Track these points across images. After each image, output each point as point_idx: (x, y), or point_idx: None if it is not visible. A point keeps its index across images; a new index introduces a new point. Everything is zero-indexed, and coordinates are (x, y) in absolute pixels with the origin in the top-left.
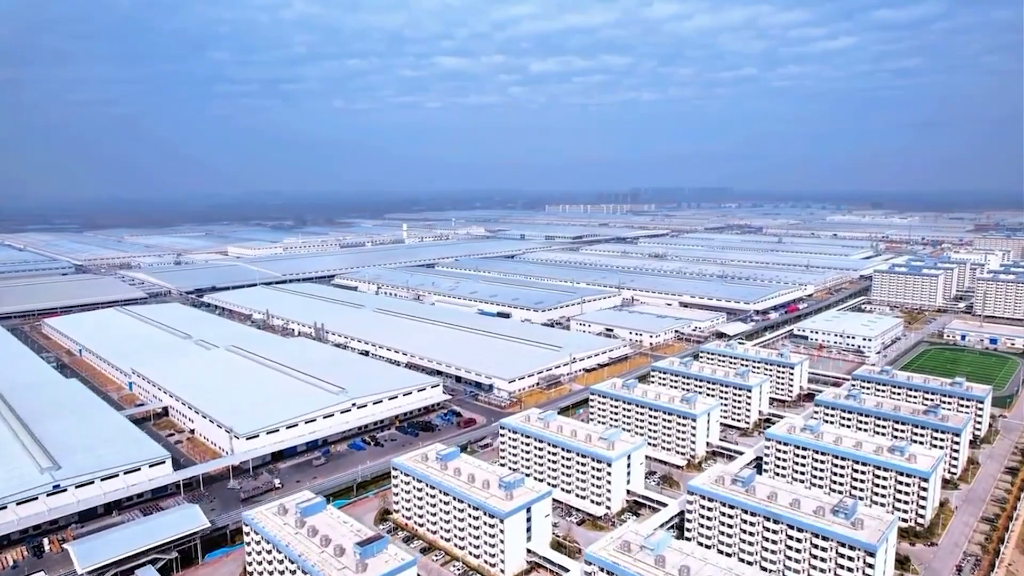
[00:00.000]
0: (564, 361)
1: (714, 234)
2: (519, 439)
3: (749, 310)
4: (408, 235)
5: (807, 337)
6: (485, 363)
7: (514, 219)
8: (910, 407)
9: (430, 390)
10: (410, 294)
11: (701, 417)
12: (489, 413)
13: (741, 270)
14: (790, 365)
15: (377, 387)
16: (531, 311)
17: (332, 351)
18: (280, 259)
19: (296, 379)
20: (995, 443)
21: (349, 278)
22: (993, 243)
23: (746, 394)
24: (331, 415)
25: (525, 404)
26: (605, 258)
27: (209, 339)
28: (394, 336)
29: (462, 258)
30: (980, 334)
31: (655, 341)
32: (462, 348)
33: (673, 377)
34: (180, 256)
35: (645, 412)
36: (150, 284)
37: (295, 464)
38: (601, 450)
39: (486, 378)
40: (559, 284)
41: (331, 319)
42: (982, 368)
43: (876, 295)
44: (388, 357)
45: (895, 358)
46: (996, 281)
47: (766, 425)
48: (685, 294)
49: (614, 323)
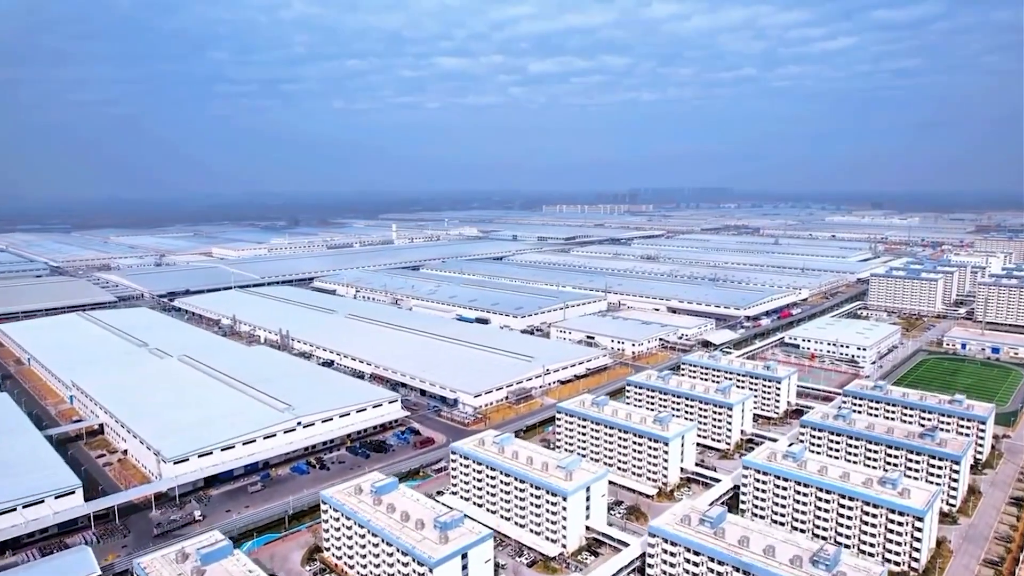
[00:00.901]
0: (536, 373)
1: (710, 235)
2: (471, 466)
3: (740, 316)
4: (397, 236)
5: (799, 346)
6: (451, 375)
7: (510, 219)
8: (904, 429)
9: (387, 406)
10: (388, 298)
11: (674, 441)
12: (451, 431)
13: (734, 273)
14: (776, 379)
15: (328, 403)
16: (510, 317)
17: (291, 361)
18: (263, 261)
19: (243, 394)
20: (998, 468)
21: (328, 281)
22: (994, 245)
23: (727, 412)
24: (273, 435)
25: (491, 421)
26: (595, 260)
27: (165, 347)
28: (361, 344)
29: (449, 260)
30: (981, 343)
31: (638, 350)
32: (430, 358)
33: (649, 393)
34: (163, 257)
35: (614, 434)
36: (124, 287)
37: (229, 490)
38: (557, 481)
39: (450, 392)
40: (544, 288)
41: (299, 325)
42: (983, 380)
43: (873, 300)
44: (352, 367)
45: (891, 369)
46: (998, 286)
47: (748, 446)
48: (673, 299)
49: (595, 330)
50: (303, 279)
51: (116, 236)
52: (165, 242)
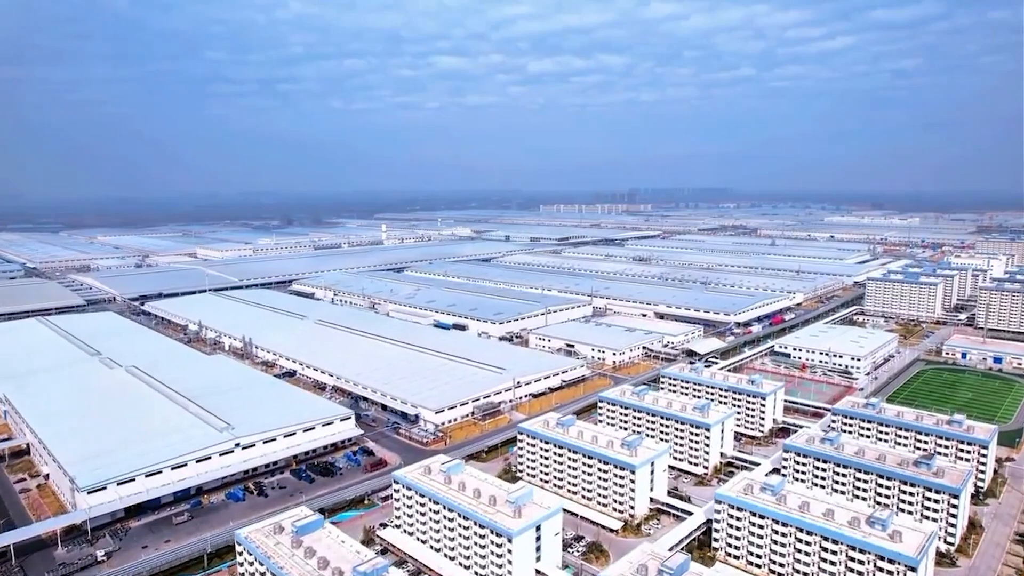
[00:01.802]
0: (506, 386)
1: (706, 236)
2: (413, 497)
3: (729, 322)
4: (387, 236)
5: (789, 355)
6: (413, 388)
7: (505, 219)
8: (898, 456)
9: (339, 424)
10: (365, 302)
11: (642, 469)
12: (408, 451)
13: (726, 276)
14: (761, 395)
15: (273, 421)
16: (488, 323)
17: (246, 373)
18: (246, 262)
19: (184, 410)
20: (1002, 497)
21: (307, 284)
22: (996, 246)
23: (704, 433)
24: (207, 458)
25: (453, 440)
26: (586, 262)
27: (118, 357)
28: (325, 354)
29: (437, 261)
30: (983, 352)
31: (619, 359)
32: (395, 369)
33: (623, 411)
34: (145, 258)
35: (578, 459)
36: (97, 289)
37: (151, 521)
38: (503, 520)
39: (411, 407)
40: (528, 291)
41: (266, 332)
42: (985, 394)
43: (869, 305)
44: (314, 378)
45: (887, 381)
46: (1000, 291)
47: (728, 471)
48: (661, 303)
49: (576, 338)
50: (283, 281)
51: (103, 236)
52: (151, 242)
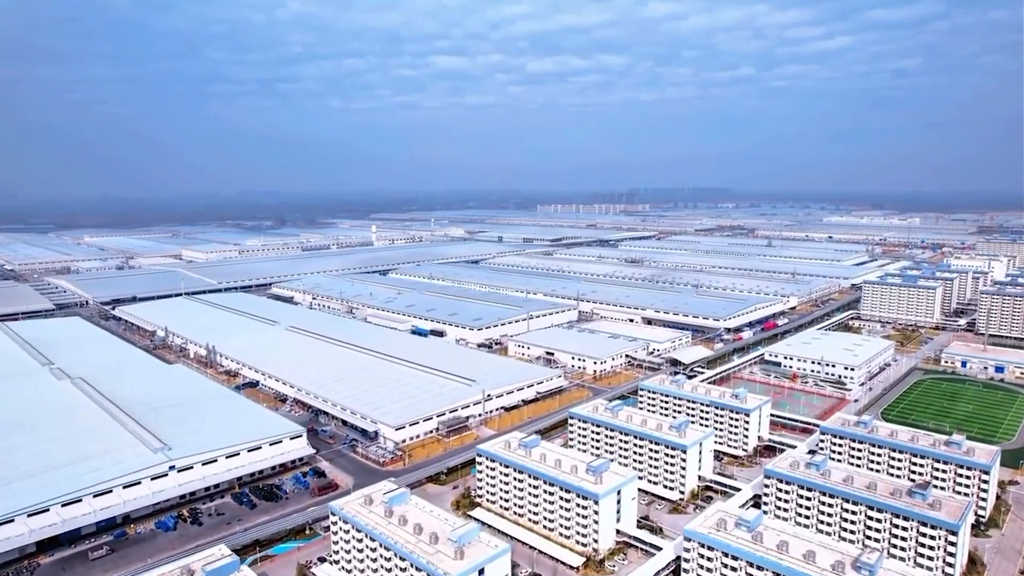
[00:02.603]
0: (475, 399)
1: (703, 236)
2: (351, 533)
3: (719, 328)
4: (377, 237)
5: (780, 363)
6: (375, 402)
7: (501, 220)
8: (890, 484)
9: (288, 443)
10: (343, 306)
11: (607, 499)
12: (363, 472)
13: (719, 278)
14: (745, 411)
15: (215, 440)
16: (466, 329)
17: (202, 385)
18: (229, 264)
19: (123, 428)
20: (1005, 527)
21: (286, 287)
22: (997, 248)
23: (680, 455)
24: (136, 483)
25: (413, 459)
26: (576, 263)
27: (70, 367)
28: (290, 363)
29: (424, 263)
30: (983, 360)
31: (600, 369)
32: (360, 380)
33: (594, 429)
34: (128, 260)
35: (540, 487)
36: (71, 293)
37: (66, 556)
38: (442, 563)
39: (371, 423)
40: (513, 295)
41: (233, 339)
42: (986, 407)
43: (866, 309)
44: (276, 390)
45: (882, 392)
46: (1002, 295)
47: (706, 496)
48: (649, 308)
49: (556, 345)
50: (263, 284)
51: (91, 237)
52: (138, 243)
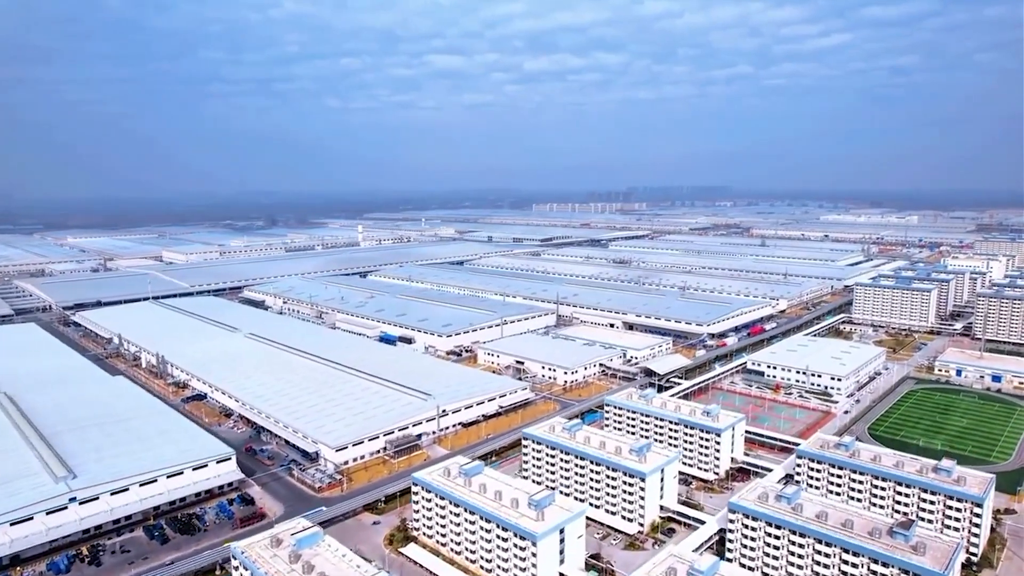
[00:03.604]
0: (429, 415)
1: (697, 236)
2: None
3: (702, 333)
4: (364, 238)
5: (763, 372)
6: (318, 419)
7: (495, 219)
8: (869, 522)
9: (215, 467)
10: (312, 311)
11: (548, 539)
12: (297, 499)
13: (707, 280)
14: (716, 431)
15: (129, 466)
16: (435, 336)
17: (139, 399)
18: (207, 266)
19: (32, 451)
20: (1000, 567)
21: (259, 290)
22: (996, 247)
23: (639, 483)
24: (28, 519)
25: (354, 483)
26: (562, 264)
27: (4, 380)
28: (241, 374)
29: (407, 264)
30: (980, 369)
31: (572, 379)
32: (309, 393)
33: (549, 452)
34: (107, 261)
35: (476, 522)
36: (36, 297)
37: None
38: None
39: (312, 442)
40: (492, 298)
41: (187, 347)
42: (981, 421)
43: (858, 313)
44: (223, 404)
45: (870, 405)
46: (999, 298)
47: (668, 529)
48: (631, 312)
49: (526, 353)
50: (236, 287)
51: (74, 238)
52: (120, 244)
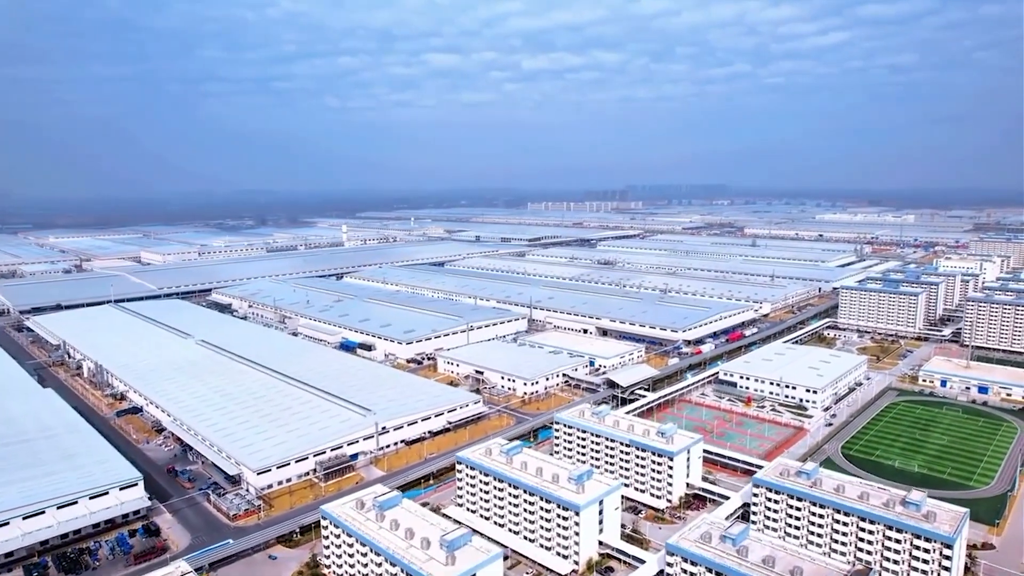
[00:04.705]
0: (368, 432)
1: (688, 235)
2: None
3: (677, 340)
4: (348, 238)
5: (735, 383)
6: (247, 437)
7: (487, 218)
8: (822, 569)
9: (116, 494)
10: (276, 315)
11: None
12: (208, 529)
13: (691, 282)
14: (668, 454)
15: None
16: (395, 343)
17: (59, 416)
18: (182, 267)
19: None
20: None
21: (226, 293)
22: (991, 247)
23: (573, 517)
24: None
25: (274, 511)
26: (543, 266)
27: None
28: (179, 386)
29: (385, 266)
30: (966, 379)
31: (532, 390)
32: (243, 408)
33: (483, 478)
34: (83, 262)
35: (383, 565)
36: None
37: None
38: None
39: (234, 463)
40: (466, 302)
41: (133, 355)
42: (964, 437)
43: (843, 317)
44: (156, 418)
45: (847, 419)
46: (989, 303)
47: (606, 568)
48: (605, 317)
49: (487, 362)
50: (205, 289)
51: (56, 238)
52: (101, 245)
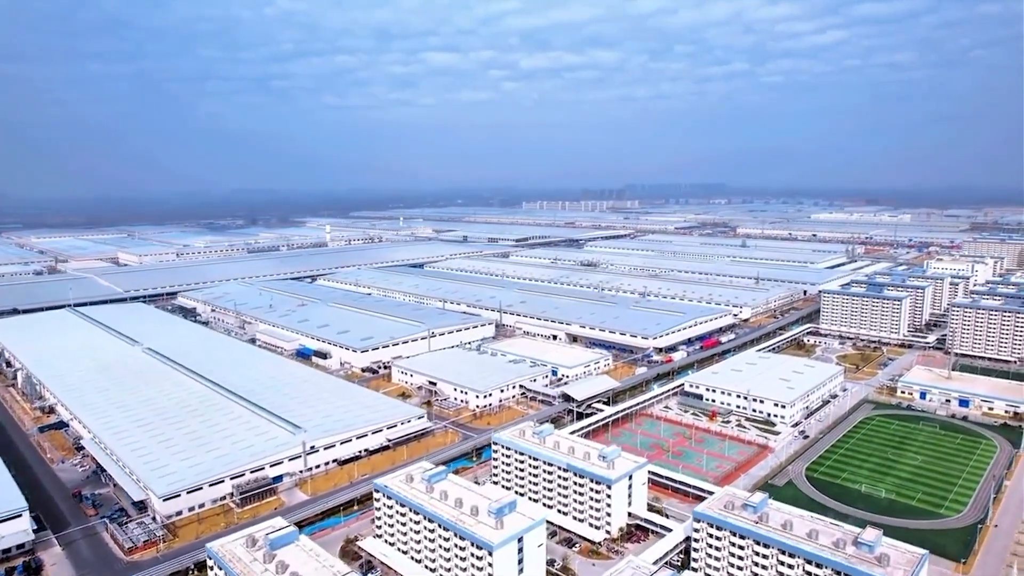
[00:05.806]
0: (293, 452)
1: (679, 236)
2: None
3: (648, 347)
4: (332, 238)
5: (701, 396)
6: (161, 457)
7: (479, 218)
8: None
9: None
10: (236, 321)
11: None
12: (102, 564)
13: (672, 285)
14: (606, 481)
15: None
16: (351, 351)
17: None
18: (155, 269)
19: None
20: None
21: (190, 296)
22: (984, 248)
23: (487, 557)
24: None
25: (180, 541)
26: (524, 267)
27: None
28: (108, 398)
29: (364, 267)
30: (946, 391)
31: (485, 403)
32: (167, 424)
33: (400, 509)
34: (57, 263)
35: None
36: None
37: None
38: None
39: (141, 487)
40: (435, 306)
41: (70, 365)
42: (941, 456)
43: (825, 323)
44: (78, 435)
45: (817, 436)
46: (975, 308)
47: None
48: (575, 323)
49: (440, 373)
50: (172, 292)
51: (37, 238)
52: (80, 245)
